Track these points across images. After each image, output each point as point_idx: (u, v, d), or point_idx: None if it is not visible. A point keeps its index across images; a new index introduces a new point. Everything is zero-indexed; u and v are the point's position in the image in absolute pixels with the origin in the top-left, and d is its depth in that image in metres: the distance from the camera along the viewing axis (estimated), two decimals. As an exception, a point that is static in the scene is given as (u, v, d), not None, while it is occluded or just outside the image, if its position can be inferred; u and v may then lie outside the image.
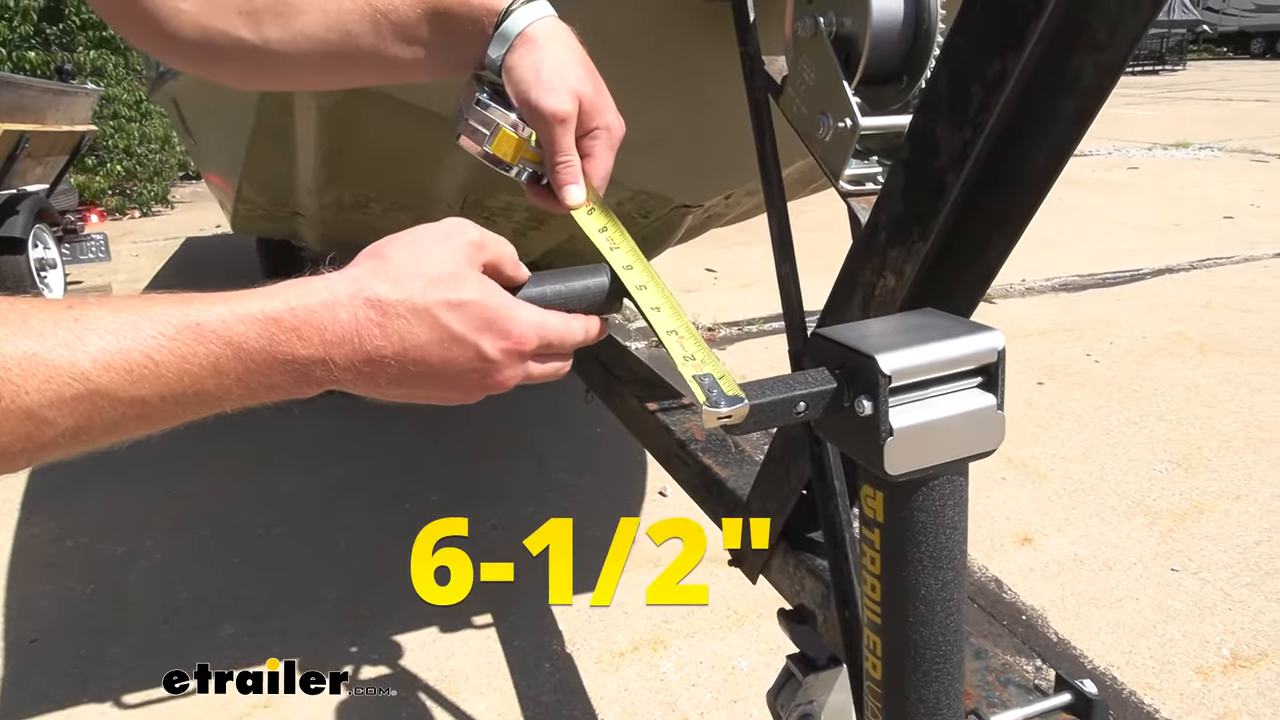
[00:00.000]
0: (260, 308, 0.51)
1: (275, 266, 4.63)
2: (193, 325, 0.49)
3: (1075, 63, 0.76)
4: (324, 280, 0.54)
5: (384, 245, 0.58)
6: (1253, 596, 2.10)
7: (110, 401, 0.47)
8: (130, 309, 0.49)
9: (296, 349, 0.52)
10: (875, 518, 0.62)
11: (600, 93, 0.77)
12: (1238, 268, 4.92)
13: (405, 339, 0.54)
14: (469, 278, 0.57)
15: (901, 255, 0.87)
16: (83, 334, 0.46)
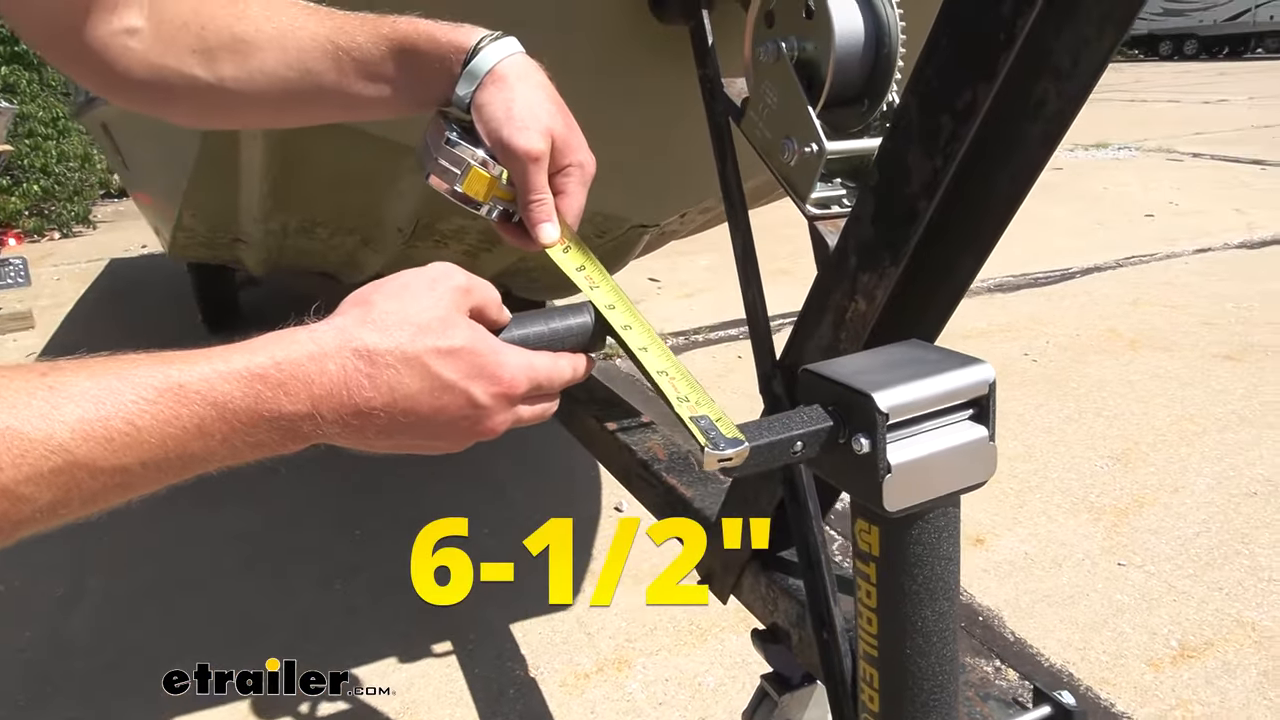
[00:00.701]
0: (245, 364, 0.49)
1: (207, 289, 4.50)
2: (175, 387, 0.47)
3: (1039, 89, 0.77)
4: (309, 332, 0.52)
5: (370, 292, 0.56)
6: (1196, 587, 2.17)
7: (90, 472, 0.45)
8: (108, 372, 0.46)
9: (283, 405, 0.50)
10: (870, 552, 0.62)
11: (572, 130, 0.76)
12: (1161, 264, 5.11)
13: (395, 389, 0.53)
14: (458, 324, 0.55)
15: (873, 280, 0.87)
16: (59, 403, 0.44)
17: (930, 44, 0.75)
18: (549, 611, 2.26)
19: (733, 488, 1.26)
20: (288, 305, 2.99)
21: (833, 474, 0.60)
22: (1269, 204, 6.46)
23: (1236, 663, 1.90)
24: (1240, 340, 3.82)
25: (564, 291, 2.21)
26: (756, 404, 1.08)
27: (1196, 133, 9.76)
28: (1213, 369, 3.53)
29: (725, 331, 4.39)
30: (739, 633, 2.10)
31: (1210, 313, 4.20)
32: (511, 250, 1.72)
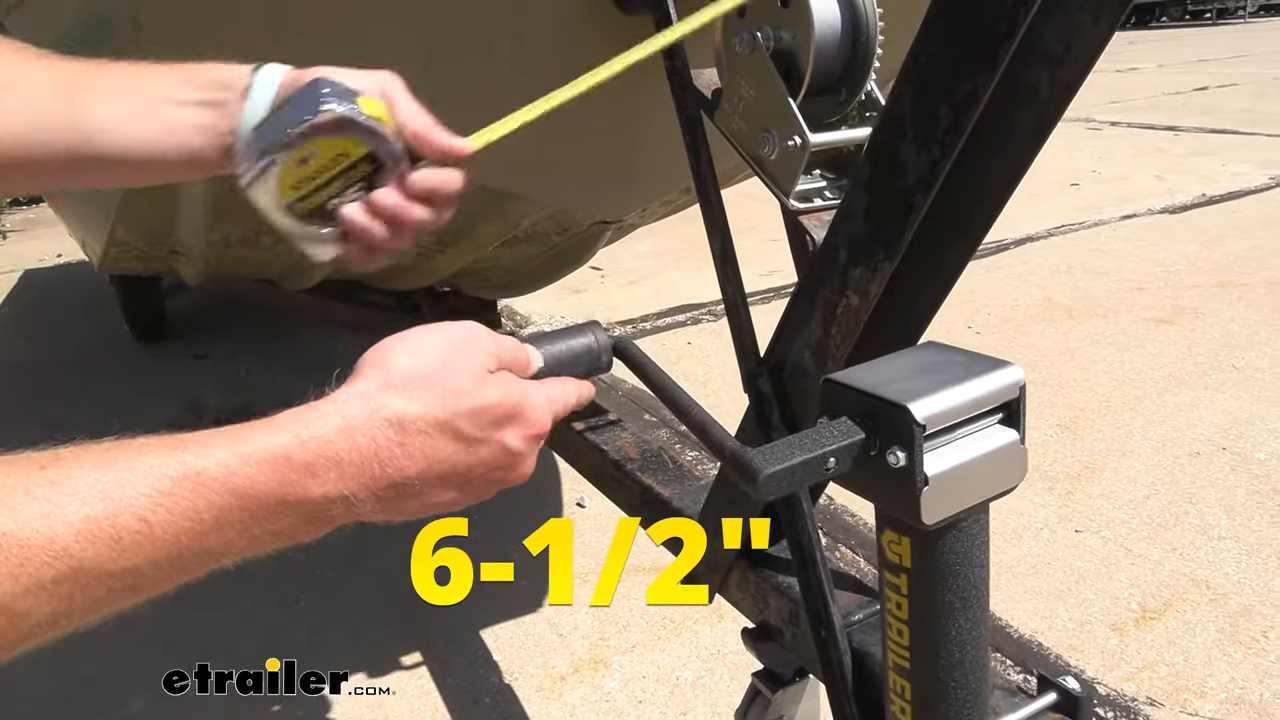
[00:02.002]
0: (268, 444, 0.45)
1: (133, 300, 4.32)
2: (191, 475, 0.42)
3: (1031, 77, 0.76)
4: (333, 404, 0.48)
5: (392, 354, 0.52)
6: (1151, 549, 2.23)
7: (96, 578, 0.40)
8: (115, 461, 0.41)
9: (311, 489, 0.46)
10: (901, 563, 0.61)
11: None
12: (1089, 232, 5.24)
13: (429, 455, 0.50)
14: (488, 383, 0.53)
15: (866, 275, 0.85)
16: (61, 500, 0.39)
17: (925, 32, 0.73)
18: (519, 614, 2.22)
19: (716, 486, 1.24)
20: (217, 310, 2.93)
21: (865, 488, 0.58)
22: (1185, 169, 6.68)
23: (1195, 621, 1.96)
24: (1171, 304, 3.94)
25: (515, 290, 2.16)
26: (709, 389, 1.06)
27: (1112, 101, 10.04)
28: (1148, 333, 3.63)
29: (673, 318, 4.38)
30: (712, 624, 2.09)
31: (1141, 278, 4.32)
32: (465, 250, 1.66)
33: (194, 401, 3.72)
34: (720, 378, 3.54)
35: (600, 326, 0.69)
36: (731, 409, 3.37)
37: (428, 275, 1.87)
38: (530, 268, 1.78)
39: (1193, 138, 7.89)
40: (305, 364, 4.11)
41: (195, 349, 4.43)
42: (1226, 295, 3.98)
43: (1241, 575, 2.10)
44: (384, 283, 2.16)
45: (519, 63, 1.14)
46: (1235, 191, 5.85)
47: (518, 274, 1.85)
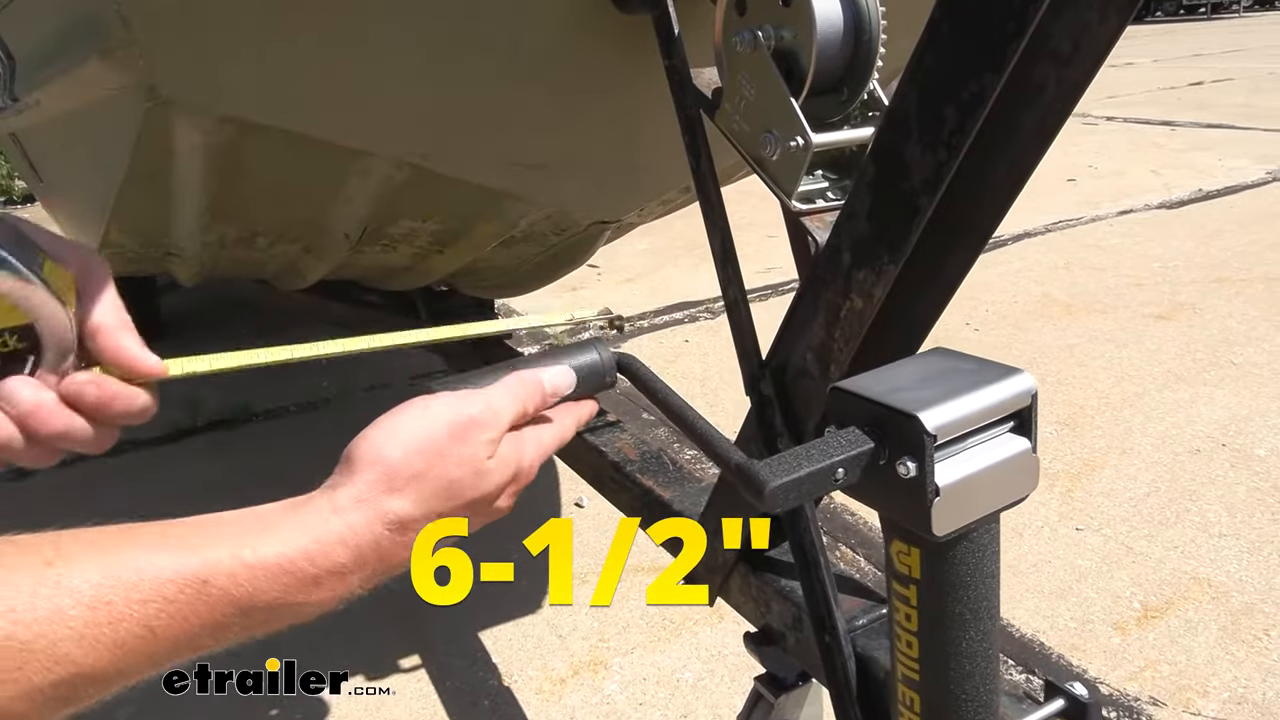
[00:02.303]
0: (274, 555, 0.45)
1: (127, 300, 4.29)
2: (197, 583, 0.43)
3: (1037, 75, 0.75)
4: (336, 510, 0.49)
5: (386, 447, 0.51)
6: (1152, 547, 2.22)
7: (93, 681, 0.39)
8: (121, 562, 0.41)
9: (312, 595, 0.47)
10: (910, 574, 0.60)
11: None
12: (1087, 228, 5.23)
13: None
14: (490, 472, 0.54)
15: (870, 278, 0.84)
16: (65, 604, 0.38)
17: (930, 31, 0.71)
18: (518, 615, 2.21)
19: (718, 488, 1.23)
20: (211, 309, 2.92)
21: (874, 499, 0.57)
22: (1182, 164, 6.68)
23: (1198, 620, 1.95)
24: (1169, 299, 3.93)
25: (513, 290, 2.15)
26: (707, 388, 1.05)
27: (1108, 96, 10.03)
28: (1146, 329, 3.62)
29: (670, 315, 4.36)
30: (713, 625, 2.08)
31: (1139, 274, 4.32)
32: (464, 250, 1.65)
33: (191, 401, 3.70)
34: (718, 376, 3.53)
35: (604, 343, 0.68)
36: (730, 408, 3.36)
37: (424, 275, 1.85)
38: (528, 268, 1.77)
39: (1189, 133, 7.89)
40: (300, 364, 4.08)
41: (190, 349, 4.40)
42: (1224, 291, 3.98)
43: (1243, 573, 2.10)
44: (380, 283, 2.14)
45: (517, 62, 1.12)
46: (1232, 186, 5.85)
47: (515, 274, 1.84)
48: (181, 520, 0.47)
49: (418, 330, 0.64)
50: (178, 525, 0.46)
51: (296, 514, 0.49)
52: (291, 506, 0.49)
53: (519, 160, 1.30)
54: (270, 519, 0.48)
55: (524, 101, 1.20)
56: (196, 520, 0.47)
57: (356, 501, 0.49)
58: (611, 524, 2.49)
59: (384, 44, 1.04)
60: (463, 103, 1.17)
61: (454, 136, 1.22)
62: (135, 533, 0.44)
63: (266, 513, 0.49)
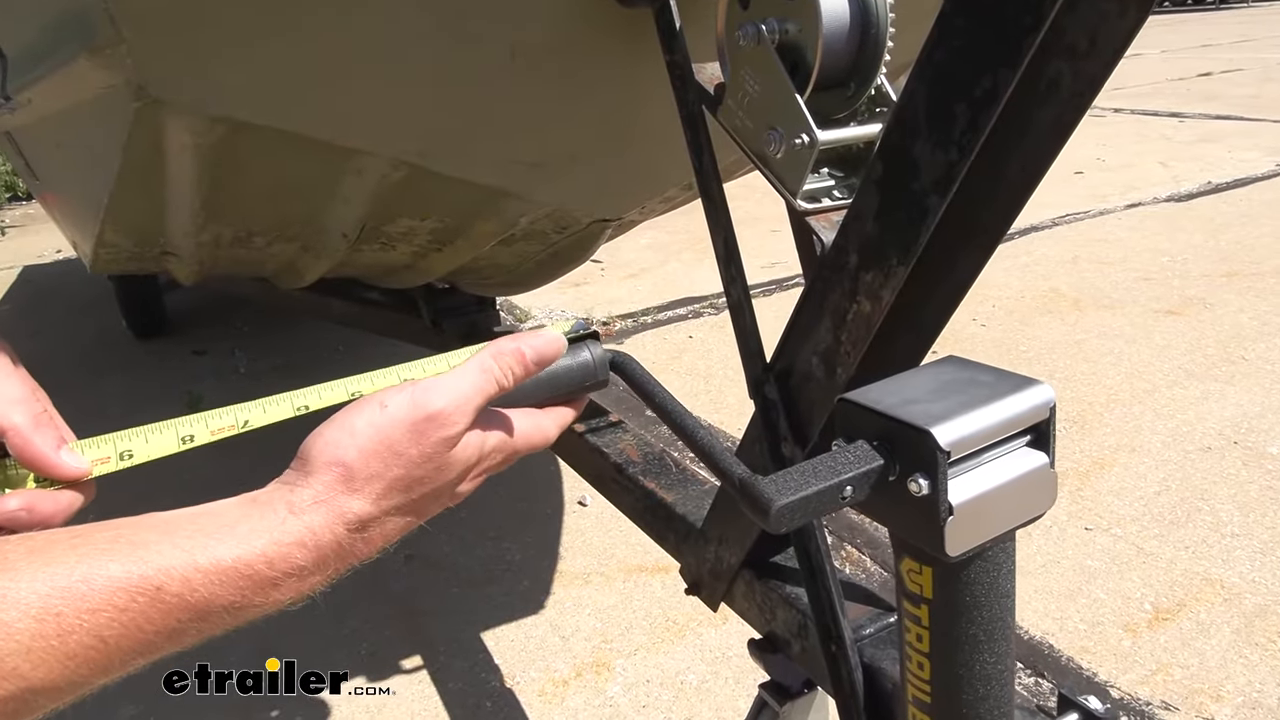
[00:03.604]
0: (231, 559, 0.44)
1: (131, 297, 4.29)
2: (150, 590, 0.41)
3: (1052, 71, 0.72)
4: (293, 511, 0.47)
5: (343, 447, 0.49)
6: (1163, 548, 2.19)
7: (43, 693, 0.38)
8: (70, 571, 0.39)
9: (270, 596, 0.45)
10: (922, 594, 0.57)
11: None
12: (1094, 221, 5.19)
13: (389, 535, 0.51)
14: (450, 463, 0.52)
15: (878, 280, 0.81)
16: (11, 617, 0.37)
17: (940, 25, 0.68)
18: (520, 616, 2.19)
19: (722, 493, 1.21)
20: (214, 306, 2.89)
21: (883, 516, 0.54)
22: (1190, 156, 6.62)
23: (1210, 622, 1.93)
24: (1178, 294, 3.89)
25: (515, 288, 2.12)
26: (711, 385, 1.02)
27: (1116, 88, 9.95)
28: (1155, 325, 3.59)
29: (673, 311, 4.33)
30: (716, 626, 2.06)
31: (1147, 268, 4.28)
32: (463, 249, 1.63)
33: (193, 397, 3.69)
34: (722, 373, 3.50)
35: (597, 340, 0.65)
36: (734, 404, 3.33)
37: (425, 273, 1.83)
38: (530, 265, 1.74)
39: (1198, 124, 7.82)
40: (301, 359, 4.07)
41: (193, 345, 4.39)
42: (1235, 285, 3.93)
43: (1256, 574, 2.07)
44: (381, 280, 2.12)
45: (515, 57, 1.10)
46: (1242, 179, 5.80)
47: (517, 272, 1.81)
48: (135, 521, 0.45)
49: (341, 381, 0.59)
50: (130, 527, 0.44)
51: (253, 514, 0.47)
52: (249, 503, 0.48)
53: (517, 158, 1.27)
54: (226, 518, 0.46)
55: (522, 98, 1.17)
56: (150, 521, 0.45)
57: (315, 502, 0.48)
58: (615, 522, 2.46)
59: (377, 41, 1.02)
60: (459, 100, 1.15)
61: (451, 135, 1.20)
62: (85, 538, 0.42)
63: (222, 510, 0.47)
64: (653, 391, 0.61)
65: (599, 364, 0.63)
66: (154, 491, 1.10)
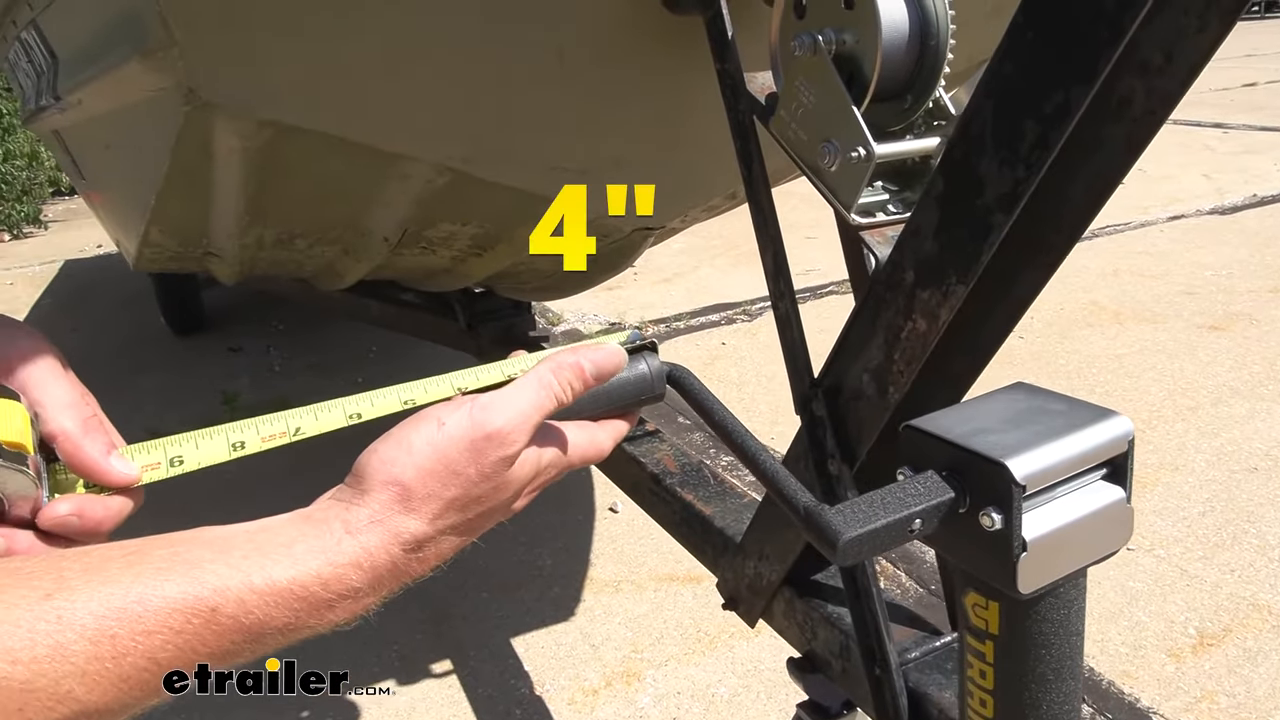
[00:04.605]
0: (287, 581, 0.43)
1: (170, 294, 4.35)
2: (206, 612, 0.40)
3: (1123, 87, 0.69)
4: (349, 530, 0.47)
5: (399, 466, 0.49)
6: (1208, 570, 2.14)
7: (97, 717, 0.37)
8: (125, 593, 0.39)
9: (325, 617, 0.45)
10: (987, 629, 0.55)
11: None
12: (1137, 233, 5.10)
13: (443, 554, 0.50)
14: (510, 481, 0.52)
15: (935, 298, 0.79)
16: (66, 637, 0.36)
17: (1011, 38, 0.66)
18: (550, 623, 2.18)
19: (764, 506, 1.19)
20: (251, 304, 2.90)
21: (952, 550, 0.52)
22: (1234, 168, 6.50)
23: (1257, 649, 1.87)
24: (1223, 309, 3.81)
25: (553, 294, 2.11)
26: (744, 392, 1.00)
27: (1158, 97, 9.79)
28: (1199, 340, 3.51)
29: (706, 317, 4.31)
30: (748, 639, 2.04)
31: (1190, 282, 4.19)
32: (504, 254, 1.62)
33: (229, 395, 3.72)
34: (755, 380, 3.48)
35: (654, 352, 0.63)
36: (766, 412, 3.30)
37: (464, 278, 1.82)
38: (568, 272, 1.73)
39: (1242, 135, 7.68)
40: (336, 359, 4.10)
41: (229, 342, 4.44)
42: (1281, 301, 3.85)
43: (1304, 600, 2.01)
44: (419, 284, 2.12)
45: (562, 64, 1.09)
46: (1288, 192, 5.68)
47: (556, 278, 1.80)
48: (190, 537, 0.44)
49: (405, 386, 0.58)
50: (185, 544, 0.43)
51: (308, 533, 0.46)
52: (303, 521, 0.47)
53: (562, 165, 1.26)
54: (282, 537, 0.46)
55: (568, 105, 1.16)
56: (205, 537, 0.44)
57: (371, 522, 0.47)
58: (647, 529, 2.45)
59: (426, 45, 1.01)
60: (506, 106, 1.14)
61: (496, 140, 1.19)
62: (141, 555, 0.41)
63: (277, 528, 0.46)
64: (711, 408, 0.59)
65: (655, 377, 0.61)
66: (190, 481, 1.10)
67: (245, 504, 0.69)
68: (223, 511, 0.59)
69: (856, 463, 0.96)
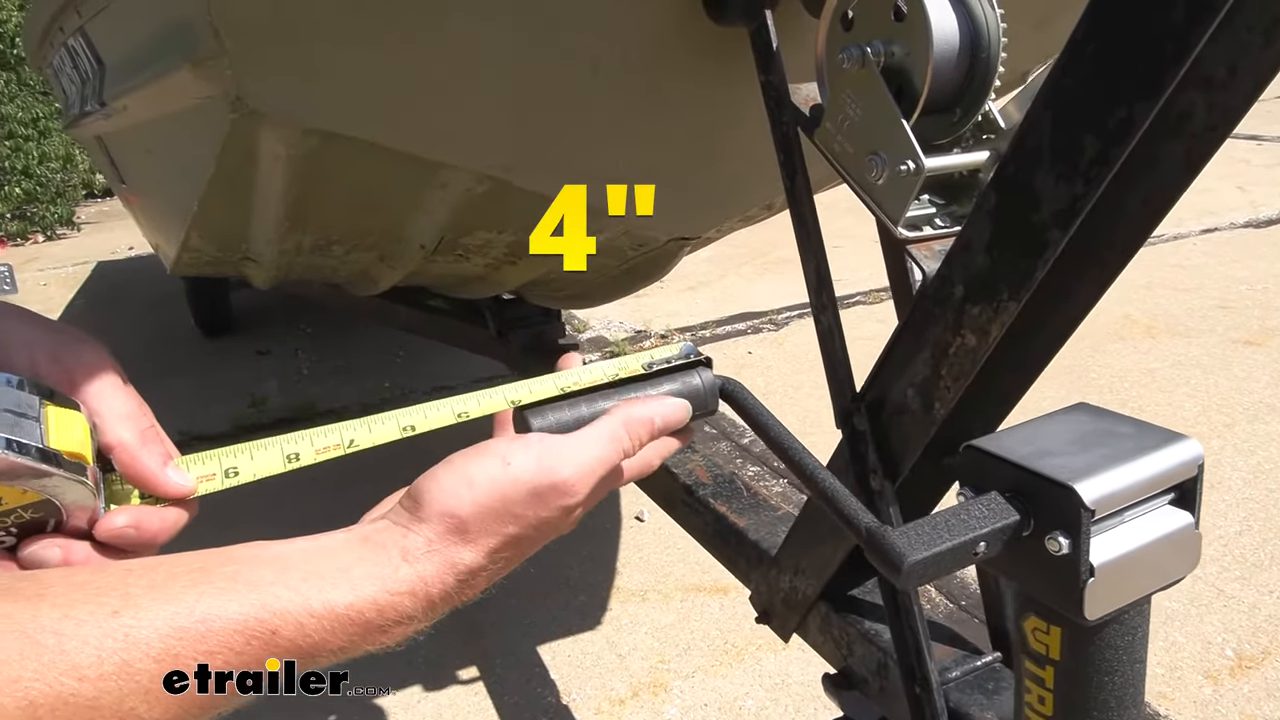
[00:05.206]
0: (344, 606, 0.44)
1: (201, 296, 4.40)
2: (266, 634, 0.41)
3: (1184, 102, 0.68)
4: (405, 557, 0.47)
5: (457, 499, 0.49)
6: (1245, 591, 2.10)
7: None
8: (192, 609, 0.39)
9: (376, 641, 0.46)
10: (1048, 655, 0.54)
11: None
12: (1170, 246, 5.04)
13: (493, 579, 0.51)
14: (565, 522, 0.53)
15: (986, 314, 0.78)
16: (133, 657, 0.37)
17: (1071, 52, 0.65)
18: (576, 631, 2.17)
19: (801, 520, 1.18)
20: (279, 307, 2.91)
21: (1013, 573, 0.51)
22: (1270, 181, 6.41)
23: (1297, 672, 1.84)
24: (1258, 324, 3.75)
25: (584, 302, 2.11)
26: (771, 403, 0.98)
27: (1191, 109, 9.69)
28: (1234, 355, 3.46)
29: (732, 326, 4.30)
30: (775, 652, 2.02)
31: (1225, 296, 4.14)
32: (536, 263, 1.62)
33: (257, 398, 3.75)
34: (782, 391, 3.46)
35: (708, 367, 0.63)
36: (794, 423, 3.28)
37: (497, 285, 1.83)
38: (602, 280, 1.73)
39: (1277, 148, 7.57)
40: (364, 364, 4.12)
41: (258, 345, 4.48)
42: (1319, 317, 3.79)
43: (1346, 623, 1.97)
44: (452, 290, 2.13)
45: (606, 74, 1.09)
46: (1326, 206, 5.60)
47: (589, 286, 1.80)
48: (251, 555, 0.45)
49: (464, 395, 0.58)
50: (247, 562, 0.44)
51: (366, 557, 0.46)
52: (361, 543, 0.47)
53: (601, 174, 1.26)
54: (340, 560, 0.46)
55: (611, 115, 1.16)
56: (265, 555, 0.45)
57: (428, 551, 0.48)
58: (673, 538, 2.44)
59: (471, 54, 1.01)
60: (548, 115, 1.14)
61: (537, 150, 1.19)
62: (205, 573, 0.42)
63: (335, 550, 0.46)
64: (767, 424, 0.59)
65: (709, 392, 0.60)
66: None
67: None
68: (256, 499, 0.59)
69: (899, 478, 0.95)
